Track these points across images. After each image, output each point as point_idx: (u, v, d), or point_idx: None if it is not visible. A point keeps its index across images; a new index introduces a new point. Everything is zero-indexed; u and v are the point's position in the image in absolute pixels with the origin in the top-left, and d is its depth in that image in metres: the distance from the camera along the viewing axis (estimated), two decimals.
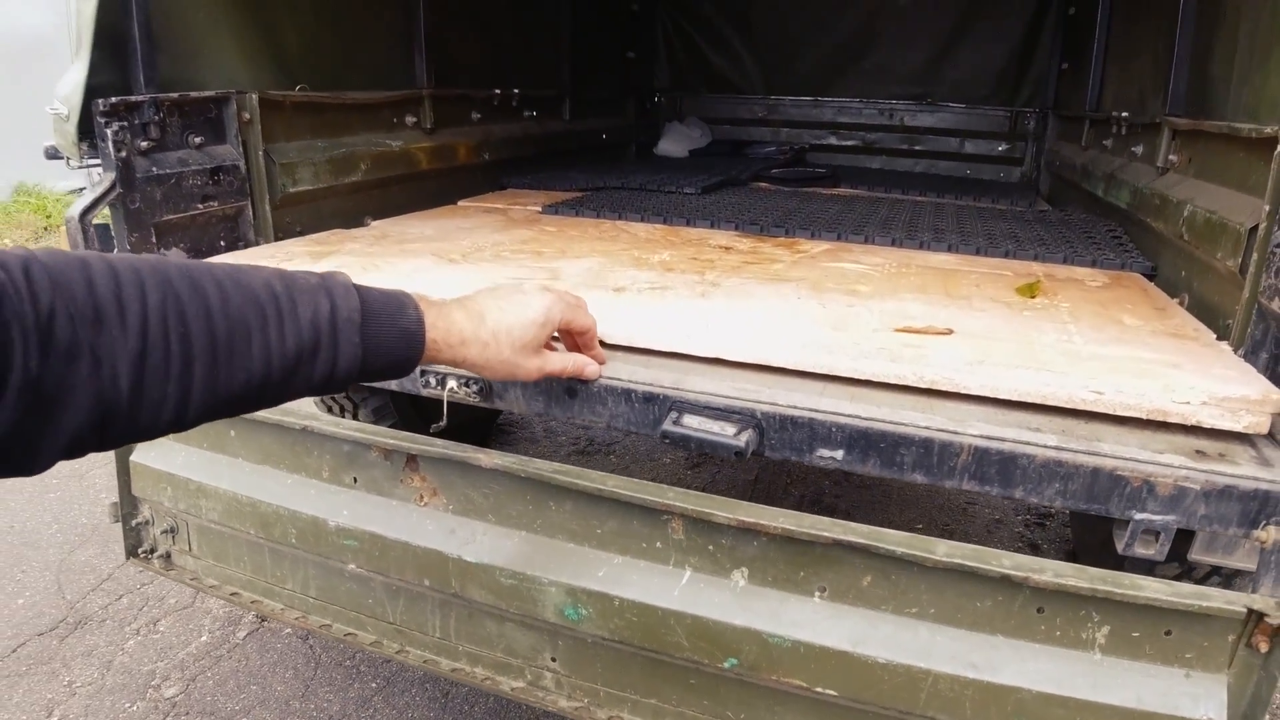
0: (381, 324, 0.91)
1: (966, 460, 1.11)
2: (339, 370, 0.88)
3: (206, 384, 0.76)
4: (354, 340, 0.88)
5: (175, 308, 0.73)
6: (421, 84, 2.66)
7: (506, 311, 1.08)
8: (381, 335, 0.91)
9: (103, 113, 1.64)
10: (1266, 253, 1.25)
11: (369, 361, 0.90)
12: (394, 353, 0.94)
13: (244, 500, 1.53)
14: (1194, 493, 1.06)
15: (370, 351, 0.90)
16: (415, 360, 0.97)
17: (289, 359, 0.82)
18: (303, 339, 0.83)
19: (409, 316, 0.95)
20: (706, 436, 1.15)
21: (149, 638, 2.34)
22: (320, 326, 0.85)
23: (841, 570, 1.15)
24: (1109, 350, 1.28)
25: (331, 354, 0.86)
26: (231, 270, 0.82)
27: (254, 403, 0.84)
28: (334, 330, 0.86)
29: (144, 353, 0.71)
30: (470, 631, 1.44)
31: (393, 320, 0.93)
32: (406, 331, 0.94)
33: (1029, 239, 2.15)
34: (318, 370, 0.86)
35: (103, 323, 0.69)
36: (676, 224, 2.29)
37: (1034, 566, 1.07)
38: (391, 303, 0.94)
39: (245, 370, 0.79)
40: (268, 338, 0.80)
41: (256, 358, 0.80)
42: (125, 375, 0.70)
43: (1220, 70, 1.81)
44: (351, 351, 0.88)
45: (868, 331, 1.30)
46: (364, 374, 0.91)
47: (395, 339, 0.93)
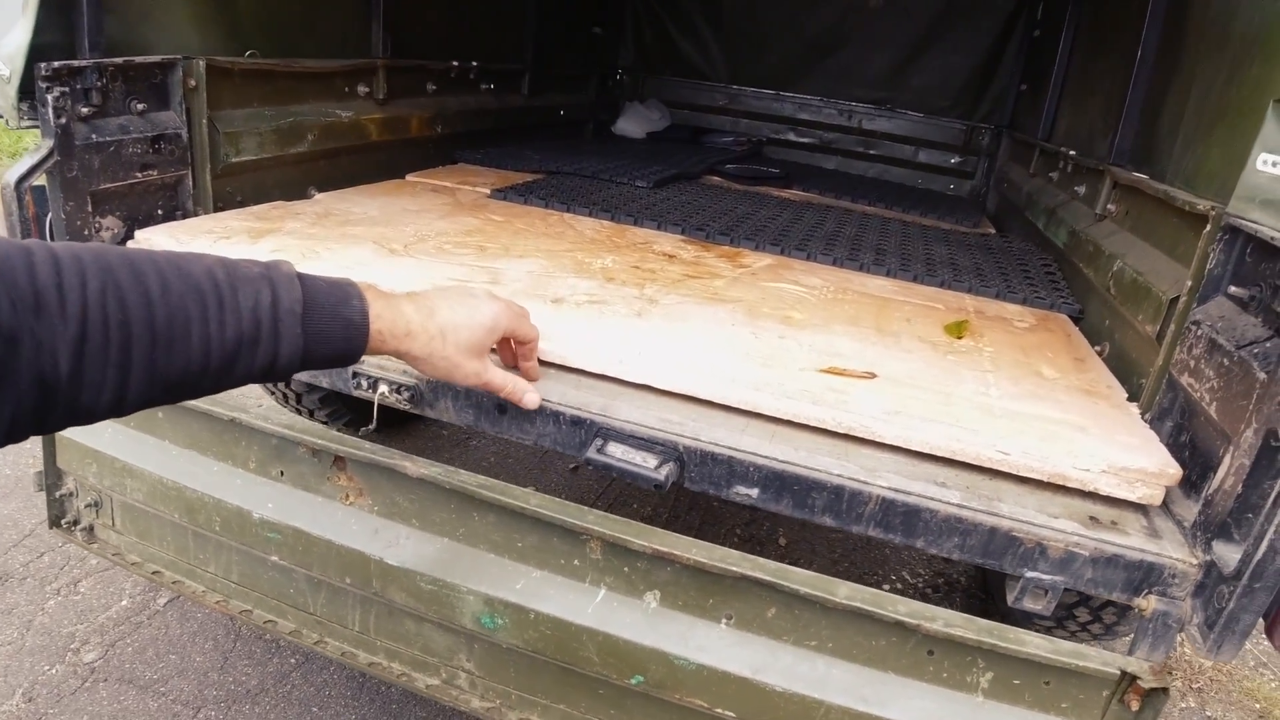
0: (324, 314, 0.92)
1: (874, 509, 1.16)
2: (280, 360, 0.88)
3: (145, 370, 0.77)
4: (295, 331, 0.88)
5: (115, 295, 0.74)
6: (377, 53, 2.61)
7: (456, 310, 1.09)
8: (324, 326, 0.92)
9: (45, 77, 1.59)
10: (1183, 327, 1.31)
11: (311, 351, 0.91)
12: (337, 343, 0.94)
13: (169, 484, 1.52)
14: (1082, 558, 1.12)
15: (312, 342, 0.91)
16: (359, 350, 0.98)
17: (229, 348, 0.83)
18: (243, 328, 0.84)
19: (353, 307, 0.95)
20: (628, 467, 1.18)
21: (69, 599, 2.32)
22: (261, 316, 0.85)
23: (748, 600, 1.20)
24: (1022, 407, 1.33)
25: (273, 344, 0.87)
26: (174, 258, 0.82)
27: (193, 390, 0.84)
28: (275, 320, 0.87)
29: (83, 338, 0.72)
30: (389, 628, 1.46)
31: (336, 311, 0.93)
32: (350, 322, 0.94)
33: (967, 268, 2.21)
34: (258, 360, 0.87)
35: (43, 309, 0.70)
36: (624, 222, 2.30)
37: (927, 614, 1.13)
38: (336, 293, 0.95)
39: (184, 358, 0.80)
40: (208, 327, 0.81)
41: (196, 346, 0.80)
42: (65, 360, 0.71)
43: (1167, 129, 1.86)
44: (293, 342, 0.88)
45: (795, 370, 1.34)
46: (306, 364, 0.92)
47: (338, 330, 0.93)
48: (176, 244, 1.68)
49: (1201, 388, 1.25)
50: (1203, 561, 1.13)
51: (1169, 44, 1.95)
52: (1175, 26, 1.94)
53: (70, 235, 1.67)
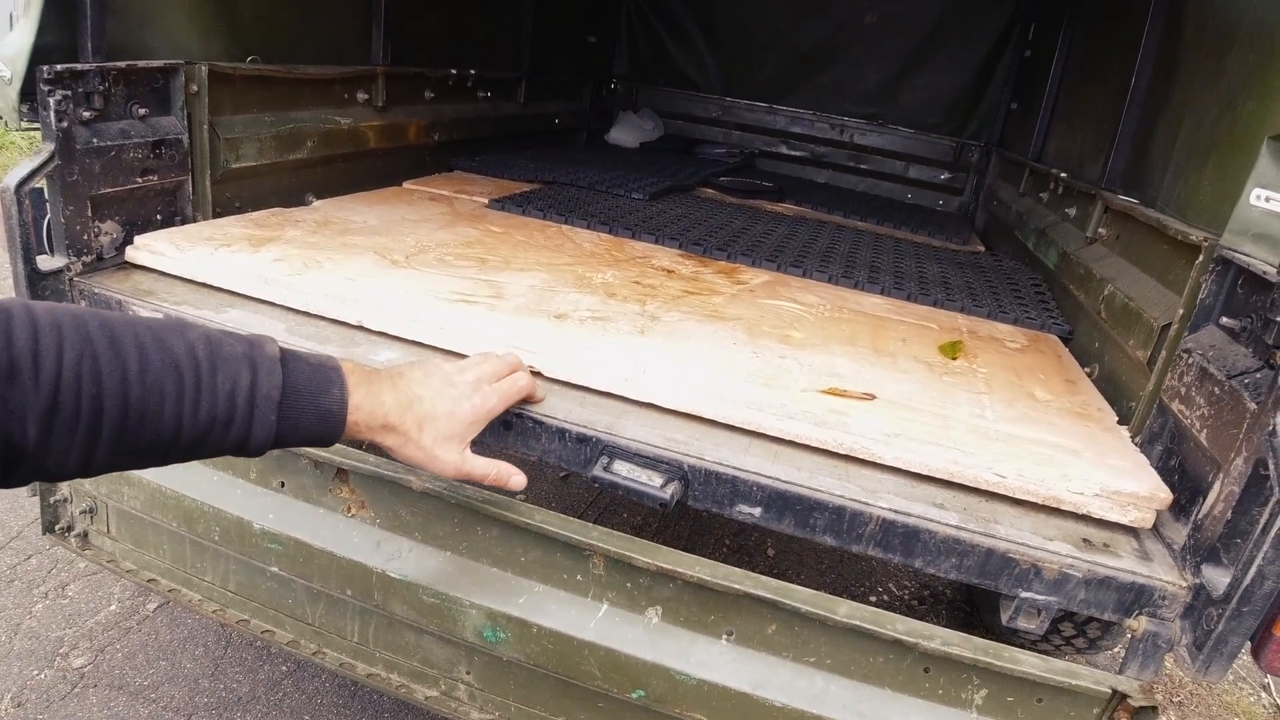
0: (302, 402, 0.91)
1: (874, 530, 1.18)
2: (251, 442, 0.88)
3: (113, 443, 0.77)
4: (270, 418, 0.88)
5: (91, 369, 0.74)
6: (377, 60, 2.62)
7: (438, 402, 1.07)
8: (300, 415, 0.91)
9: (47, 80, 1.59)
10: (1175, 354, 1.34)
11: (283, 437, 0.91)
12: (311, 431, 0.93)
13: (168, 493, 1.52)
14: (1076, 579, 1.15)
15: (285, 428, 0.90)
16: (334, 439, 0.97)
17: (201, 428, 0.83)
18: (217, 411, 0.83)
19: (332, 397, 0.94)
20: (634, 485, 1.19)
21: (57, 602, 2.31)
22: (237, 401, 0.85)
23: (749, 617, 1.22)
24: (1016, 429, 1.36)
25: (245, 428, 0.86)
26: (157, 330, 0.82)
27: (158, 459, 0.84)
28: (251, 406, 0.86)
29: (54, 409, 0.72)
30: (389, 640, 1.47)
31: (314, 400, 0.92)
32: (327, 412, 0.93)
33: (959, 287, 2.24)
34: (230, 440, 0.86)
35: (16, 375, 0.70)
36: (622, 235, 2.32)
37: (924, 633, 1.16)
38: (317, 380, 0.94)
39: (154, 433, 0.80)
40: (181, 406, 0.81)
41: (168, 424, 0.80)
42: (33, 428, 0.71)
43: (1158, 157, 1.89)
44: (265, 428, 0.88)
45: (796, 391, 1.36)
46: (278, 445, 0.91)
47: (314, 419, 0.92)
48: (175, 249, 1.68)
49: (1192, 414, 1.28)
50: (1192, 584, 1.16)
51: (1162, 74, 1.99)
52: (1169, 57, 1.98)
53: (69, 240, 1.67)
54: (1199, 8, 1.88)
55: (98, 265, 1.70)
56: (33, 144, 5.97)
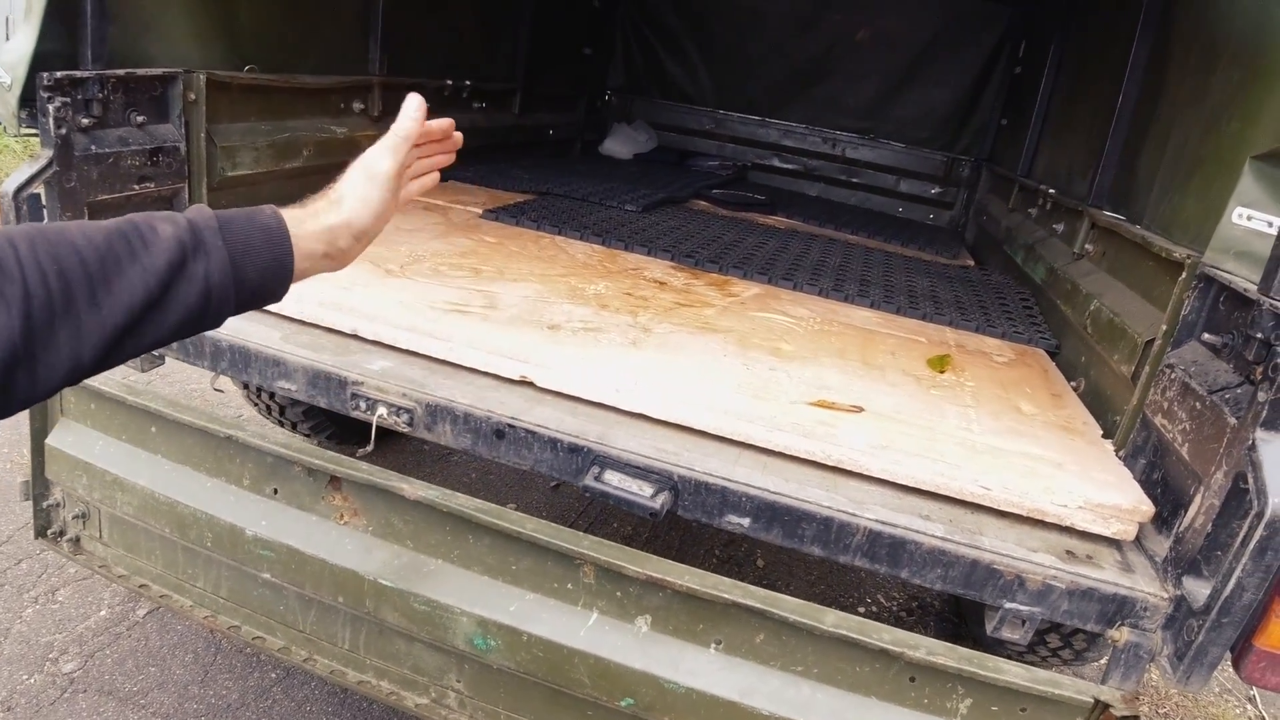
0: (239, 225, 0.94)
1: (861, 540, 1.19)
2: (213, 279, 0.90)
3: (94, 318, 0.80)
4: (218, 244, 0.90)
5: (46, 250, 0.78)
6: (374, 71, 2.64)
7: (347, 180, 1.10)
8: (243, 235, 0.93)
9: (46, 87, 1.60)
10: (1158, 369, 1.36)
11: (241, 264, 0.93)
12: (263, 253, 0.96)
13: (161, 499, 1.53)
14: (1059, 590, 1.17)
15: (237, 252, 0.92)
16: (288, 257, 0.99)
17: (162, 273, 0.85)
18: (170, 253, 0.86)
19: (265, 214, 0.97)
20: (624, 495, 1.21)
21: (47, 607, 2.30)
22: (183, 239, 0.88)
23: (738, 626, 1.24)
24: (1002, 442, 1.38)
25: (202, 262, 0.89)
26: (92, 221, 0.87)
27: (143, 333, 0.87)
28: (197, 238, 0.89)
29: (27, 296, 0.75)
30: (379, 647, 1.47)
31: (250, 220, 0.95)
32: (267, 228, 0.96)
33: (948, 301, 2.27)
34: (194, 282, 0.88)
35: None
36: (615, 246, 2.33)
37: (910, 642, 1.17)
38: (245, 210, 0.98)
39: (128, 295, 0.83)
40: (138, 261, 0.84)
41: (135, 279, 0.83)
42: (16, 318, 0.74)
43: (1144, 175, 1.92)
44: (219, 255, 0.90)
45: (786, 403, 1.38)
46: (239, 282, 0.93)
47: (259, 238, 0.95)
48: None
49: (1174, 429, 1.30)
50: (1173, 596, 1.18)
51: (1149, 93, 2.03)
52: (1155, 77, 2.01)
53: None
54: (1185, 29, 1.91)
55: None
56: (28, 149, 5.97)
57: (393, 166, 1.15)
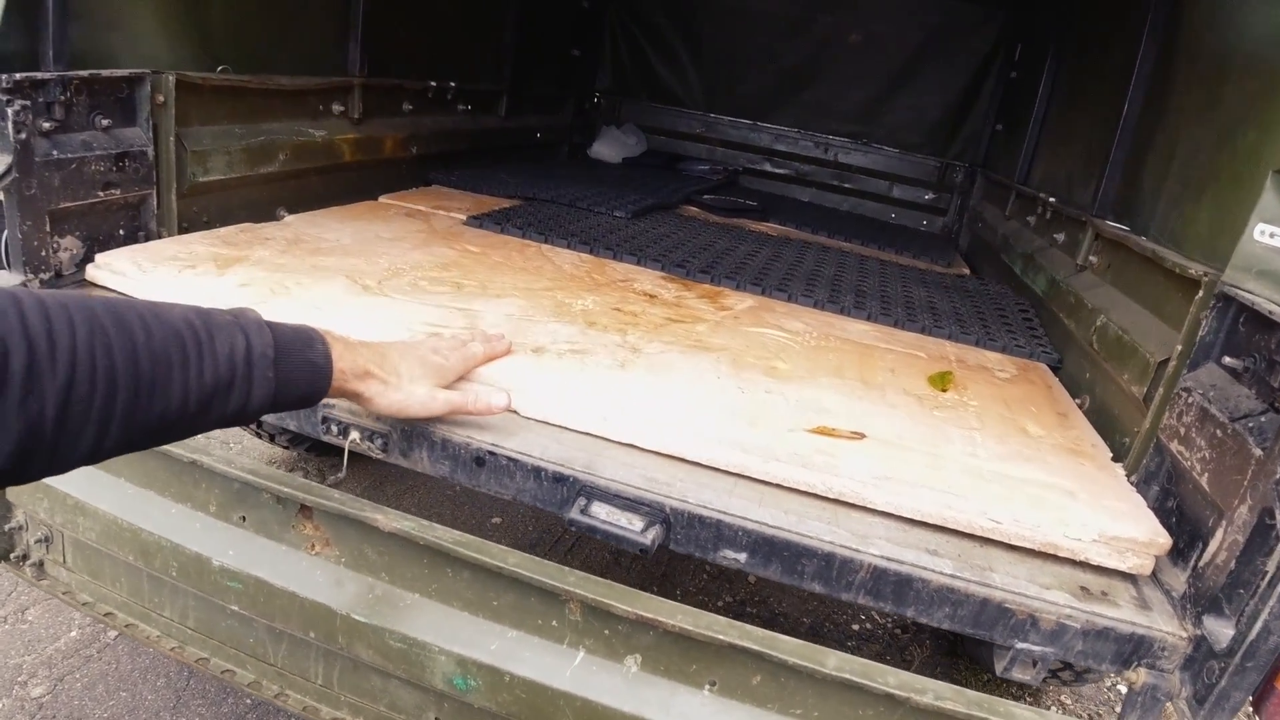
0: (293, 359, 0.97)
1: (865, 578, 1.12)
2: (252, 404, 0.92)
3: (125, 417, 0.79)
4: (268, 375, 0.93)
5: (102, 342, 0.76)
6: (354, 71, 2.56)
7: (407, 354, 1.19)
8: (293, 370, 0.97)
9: (5, 89, 1.51)
10: (1173, 392, 1.30)
11: (280, 395, 0.96)
12: (303, 386, 1.00)
13: (124, 525, 1.44)
14: (1074, 630, 1.10)
15: (282, 385, 0.95)
16: (324, 391, 1.04)
17: (206, 393, 0.86)
18: (220, 374, 0.87)
19: (317, 350, 1.02)
20: (612, 529, 1.13)
21: (17, 627, 2.22)
22: (237, 362, 0.89)
23: (733, 668, 1.16)
24: (1010, 469, 1.31)
25: (246, 388, 0.91)
26: (153, 306, 0.85)
27: (165, 436, 0.86)
28: (249, 365, 0.91)
29: (70, 386, 0.73)
30: (354, 683, 1.40)
31: (303, 355, 0.99)
32: (315, 365, 1.01)
33: (946, 313, 2.20)
34: (231, 404, 0.90)
35: (34, 357, 0.71)
36: (603, 255, 2.26)
37: (917, 686, 1.10)
38: (301, 338, 1.01)
39: (164, 404, 0.82)
40: (188, 373, 0.84)
41: (176, 392, 0.83)
42: (51, 406, 0.72)
43: (1151, 185, 1.86)
44: (265, 386, 0.93)
45: (783, 430, 1.30)
46: (275, 407, 0.97)
47: (305, 373, 0.99)
48: (138, 269, 1.61)
49: (1192, 456, 1.24)
50: (1193, 635, 1.12)
51: (1155, 102, 1.96)
52: (1162, 85, 1.95)
53: (27, 256, 1.60)
54: (1193, 37, 1.85)
55: (56, 283, 1.63)
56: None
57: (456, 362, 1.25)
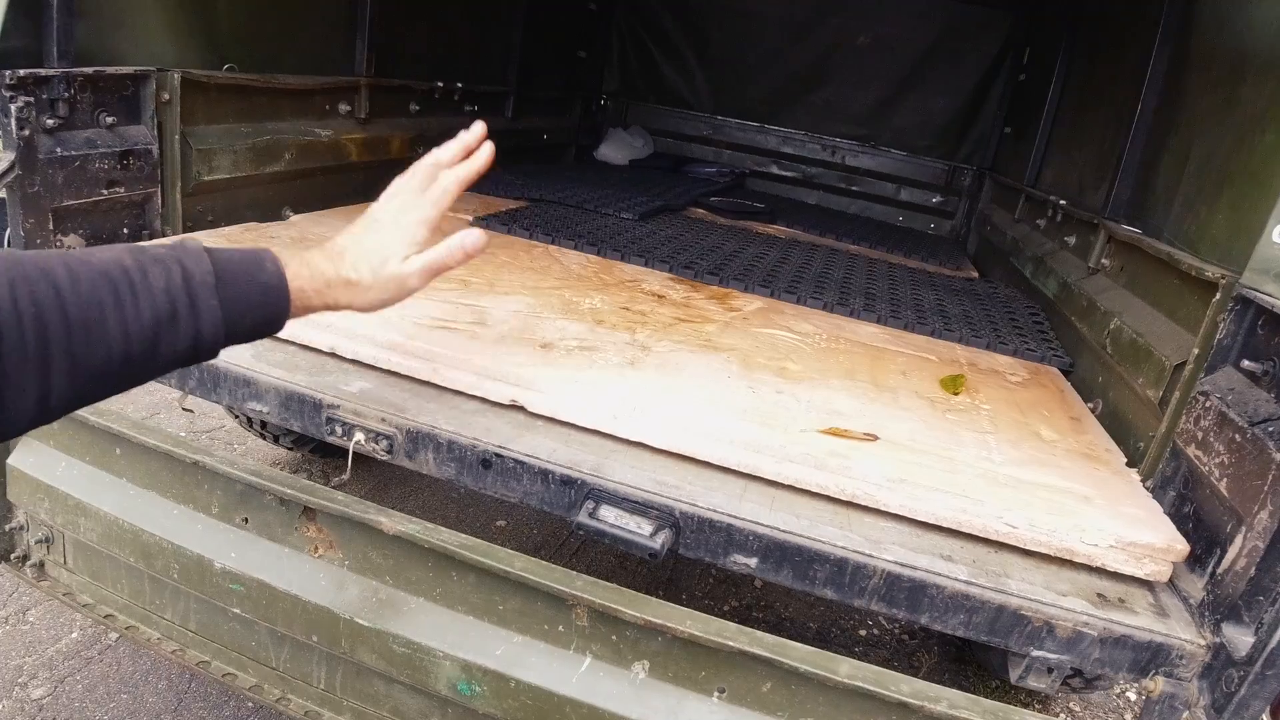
0: (239, 283, 0.91)
1: (878, 584, 1.10)
2: (204, 336, 0.88)
3: (66, 362, 0.76)
4: (212, 303, 0.87)
5: (26, 290, 0.74)
6: (360, 71, 2.55)
7: (365, 237, 1.05)
8: (241, 294, 0.91)
9: (9, 85, 1.50)
10: (1190, 396, 1.28)
11: (233, 322, 0.90)
12: (258, 310, 0.94)
13: (125, 526, 1.43)
14: (1091, 638, 1.08)
15: (231, 311, 0.90)
16: (283, 313, 0.97)
17: (148, 330, 0.82)
18: (158, 308, 0.83)
19: (267, 271, 0.95)
20: (621, 534, 1.12)
21: (18, 628, 2.21)
22: (175, 294, 0.85)
23: (743, 674, 1.14)
24: (1025, 474, 1.29)
25: (192, 319, 0.86)
26: (80, 253, 0.83)
27: (121, 380, 0.84)
28: (190, 294, 0.86)
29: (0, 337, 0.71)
30: (357, 688, 1.38)
31: (251, 278, 0.93)
32: (267, 286, 0.94)
33: (956, 316, 2.18)
34: (181, 339, 0.86)
35: None
36: (610, 256, 2.24)
37: (931, 695, 1.08)
38: (248, 261, 0.94)
39: (105, 346, 0.79)
40: (124, 311, 0.80)
41: (114, 332, 0.80)
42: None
43: (1165, 187, 1.83)
44: (211, 314, 0.88)
45: (795, 431, 1.28)
46: (232, 336, 0.91)
47: (255, 295, 0.93)
48: None
49: (1210, 461, 1.21)
50: (1211, 643, 1.10)
51: (1169, 103, 1.94)
52: (1176, 87, 1.93)
53: None
54: (1208, 38, 1.83)
55: None
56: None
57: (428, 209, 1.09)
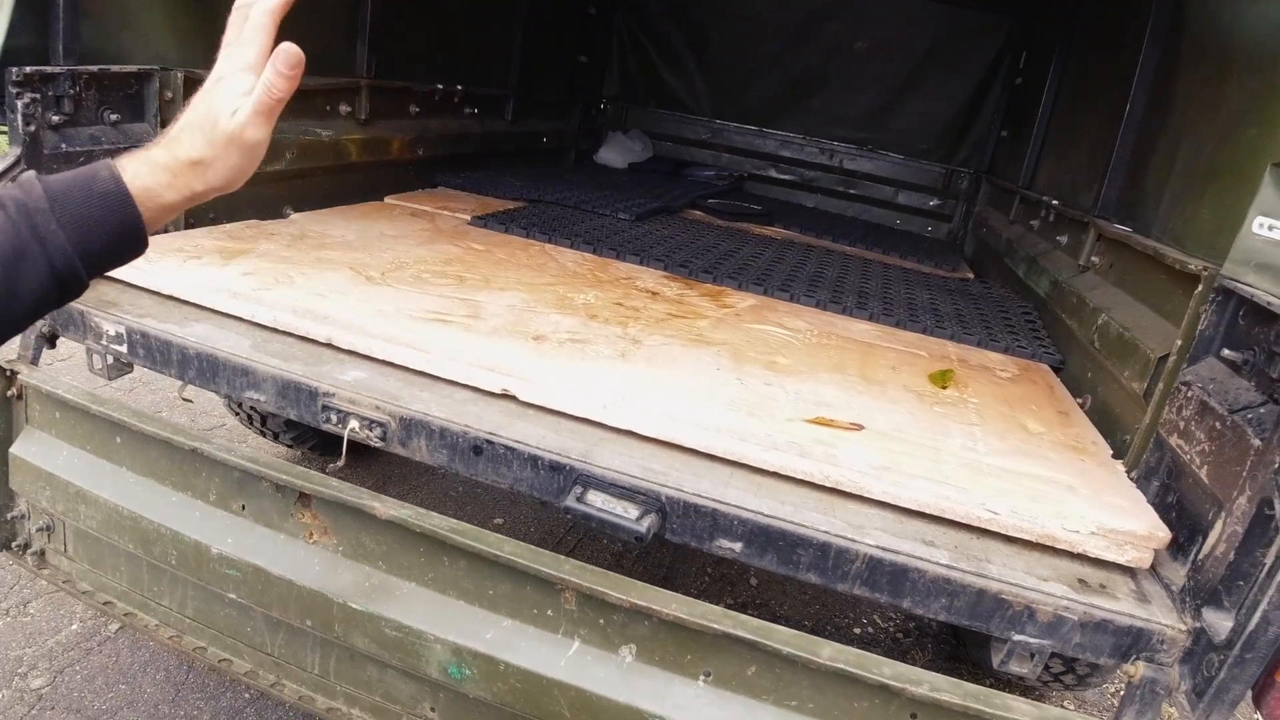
0: (74, 200, 0.85)
1: (860, 568, 1.12)
2: (58, 265, 0.83)
3: None
4: (51, 227, 0.83)
5: None
6: (361, 73, 2.58)
7: (193, 114, 0.92)
8: (80, 211, 0.85)
9: (15, 82, 1.53)
10: (1173, 387, 1.29)
11: (84, 243, 0.85)
12: (107, 222, 0.87)
13: (125, 513, 1.45)
14: (1071, 622, 1.09)
15: (76, 231, 0.84)
16: (135, 220, 0.89)
17: None
18: (3, 247, 0.80)
19: (101, 179, 0.88)
20: (608, 517, 1.14)
21: (18, 620, 2.23)
22: (18, 227, 0.81)
23: (728, 658, 1.16)
24: (1009, 463, 1.31)
25: (39, 248, 0.82)
26: None
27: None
28: (31, 226, 0.82)
29: None
30: (350, 673, 1.40)
31: (86, 190, 0.87)
32: (106, 194, 0.87)
33: (948, 314, 2.20)
34: (36, 273, 0.82)
35: None
36: (606, 255, 2.27)
37: (912, 678, 1.09)
38: (81, 176, 0.88)
39: None
40: None
41: None
42: None
43: (1153, 185, 1.86)
44: (57, 240, 0.83)
45: (782, 420, 1.30)
46: (88, 257, 0.86)
47: (98, 208, 0.87)
48: (145, 261, 1.61)
49: (1191, 450, 1.23)
50: (1192, 628, 1.11)
51: (1158, 102, 1.97)
52: (1165, 86, 1.95)
53: None
54: (1196, 37, 1.85)
55: None
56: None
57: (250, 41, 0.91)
